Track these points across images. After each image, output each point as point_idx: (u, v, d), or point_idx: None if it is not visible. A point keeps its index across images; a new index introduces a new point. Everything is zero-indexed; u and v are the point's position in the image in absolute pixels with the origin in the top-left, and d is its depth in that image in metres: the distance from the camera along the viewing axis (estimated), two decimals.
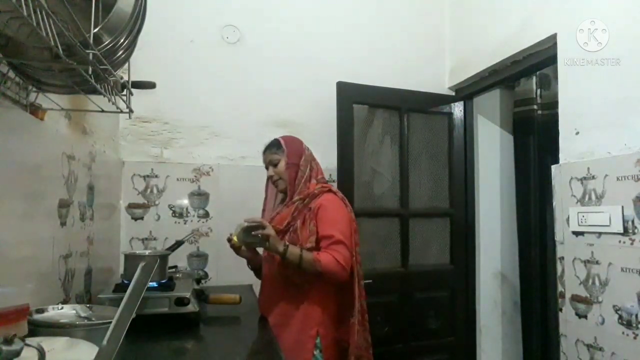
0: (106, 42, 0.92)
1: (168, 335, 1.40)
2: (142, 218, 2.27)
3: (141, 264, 0.97)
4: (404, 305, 2.50)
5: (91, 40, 0.82)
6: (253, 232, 1.56)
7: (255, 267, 1.85)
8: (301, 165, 1.71)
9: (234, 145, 2.41)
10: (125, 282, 1.52)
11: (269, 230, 1.54)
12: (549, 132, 2.41)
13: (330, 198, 1.66)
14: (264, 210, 1.88)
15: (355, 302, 1.62)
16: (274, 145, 1.77)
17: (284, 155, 1.72)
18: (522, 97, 2.81)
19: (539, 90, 2.75)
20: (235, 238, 1.63)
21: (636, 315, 1.54)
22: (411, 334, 2.51)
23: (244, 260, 1.84)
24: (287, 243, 1.56)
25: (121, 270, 1.73)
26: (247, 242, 1.61)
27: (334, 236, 1.57)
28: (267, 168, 1.79)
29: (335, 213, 1.63)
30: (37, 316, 1.03)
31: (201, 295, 1.63)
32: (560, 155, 1.87)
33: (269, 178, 1.79)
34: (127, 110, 1.26)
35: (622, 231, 1.58)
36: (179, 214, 2.31)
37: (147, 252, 1.91)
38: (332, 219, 1.61)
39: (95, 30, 0.86)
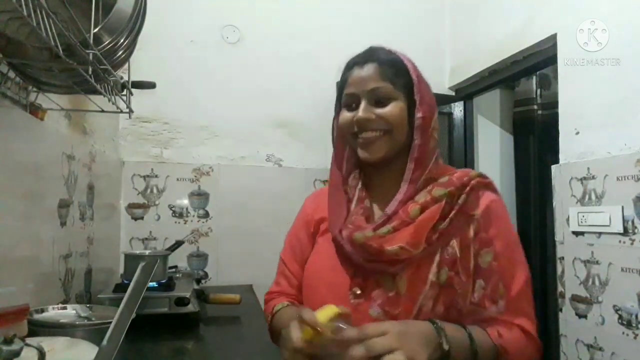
0: (106, 42, 0.92)
1: (168, 335, 1.40)
2: (142, 218, 2.27)
3: (141, 264, 0.97)
4: None
5: (91, 40, 0.82)
6: None
7: None
8: (433, 127, 0.91)
9: (234, 145, 2.41)
10: (125, 282, 1.52)
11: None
12: (549, 132, 2.41)
13: (497, 199, 0.92)
14: (330, 204, 0.96)
15: None
16: (386, 63, 0.91)
17: (405, 96, 0.90)
18: (522, 97, 2.81)
19: (539, 90, 2.75)
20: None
21: (636, 315, 1.54)
22: None
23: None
24: (445, 337, 0.75)
25: (121, 270, 1.73)
26: None
27: (523, 280, 0.86)
28: (346, 105, 0.93)
29: (513, 231, 0.92)
30: (37, 316, 1.03)
31: (201, 295, 1.63)
32: (560, 155, 1.87)
33: (348, 126, 0.91)
34: (127, 110, 1.26)
35: (622, 231, 1.58)
36: (179, 214, 2.31)
37: (147, 252, 1.91)
38: (515, 243, 0.90)
39: (95, 30, 0.86)
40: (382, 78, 0.90)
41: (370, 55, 0.94)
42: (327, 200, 0.97)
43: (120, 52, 0.99)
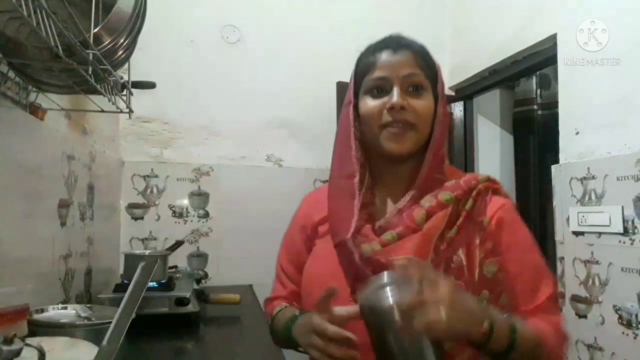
0: (106, 42, 0.92)
1: (168, 335, 1.40)
2: (142, 218, 2.26)
3: (141, 264, 0.97)
4: None
5: (91, 40, 0.82)
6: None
7: None
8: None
9: (234, 145, 2.41)
10: (125, 282, 1.52)
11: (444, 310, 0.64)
12: (549, 132, 2.41)
13: (507, 204, 0.87)
14: (336, 213, 0.89)
15: None
16: (419, 51, 0.89)
17: (430, 89, 0.87)
18: (522, 97, 2.81)
19: (539, 90, 2.76)
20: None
21: (636, 315, 1.54)
22: None
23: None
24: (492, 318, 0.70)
25: (121, 270, 1.73)
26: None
27: (548, 292, 0.84)
28: (370, 91, 0.86)
29: (527, 237, 0.88)
30: (37, 316, 1.03)
31: (201, 295, 1.63)
32: (560, 155, 1.87)
33: (377, 115, 0.84)
34: (127, 110, 1.26)
35: (622, 231, 1.58)
36: (179, 214, 2.31)
37: (147, 252, 1.92)
38: (530, 249, 0.87)
39: (95, 30, 0.86)
40: (417, 65, 0.86)
41: (400, 40, 0.90)
42: (328, 202, 0.91)
43: (120, 52, 0.99)
